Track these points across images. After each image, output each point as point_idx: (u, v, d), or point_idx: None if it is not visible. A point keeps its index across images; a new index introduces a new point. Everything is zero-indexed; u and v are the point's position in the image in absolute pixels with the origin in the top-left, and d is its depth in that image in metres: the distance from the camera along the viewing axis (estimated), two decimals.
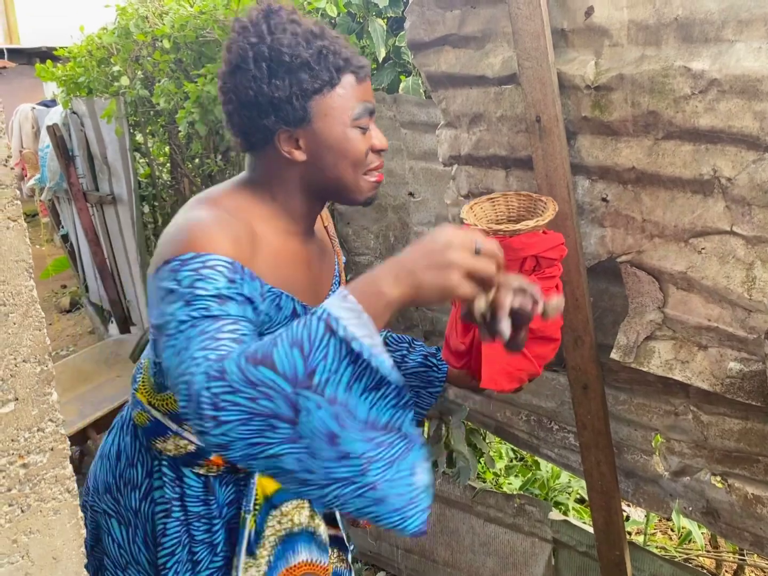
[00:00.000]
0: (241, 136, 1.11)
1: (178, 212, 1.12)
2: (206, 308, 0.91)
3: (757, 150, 1.13)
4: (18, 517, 0.79)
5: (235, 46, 1.06)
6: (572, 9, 1.30)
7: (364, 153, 1.11)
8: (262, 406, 0.76)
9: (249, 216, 1.09)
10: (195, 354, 0.85)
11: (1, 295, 0.75)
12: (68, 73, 3.70)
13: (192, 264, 0.95)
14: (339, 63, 1.07)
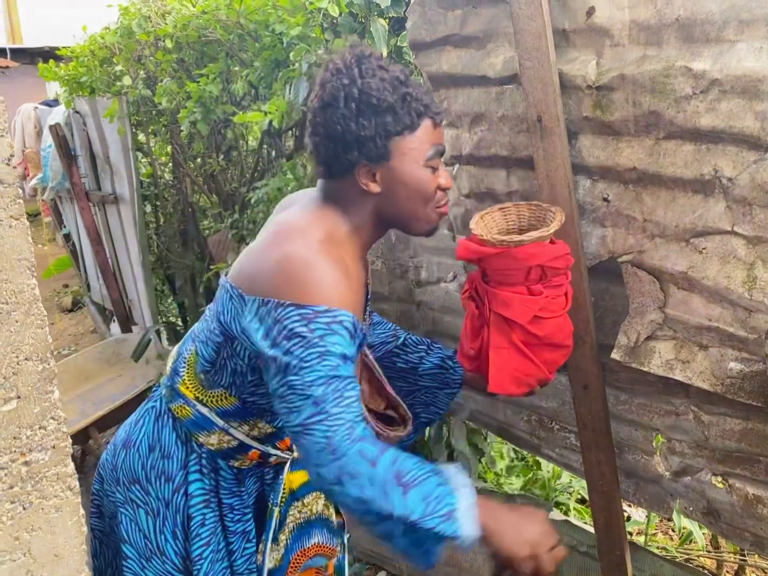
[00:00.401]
0: (324, 165, 1.22)
1: (265, 239, 1.20)
2: (336, 367, 1.07)
3: (758, 150, 1.13)
4: (20, 515, 0.80)
5: (329, 85, 1.17)
6: (573, 9, 1.30)
7: (434, 191, 1.23)
8: (374, 504, 1.03)
9: (336, 244, 1.19)
10: (332, 410, 1.05)
11: (4, 293, 0.76)
12: (71, 72, 3.71)
13: (324, 317, 1.08)
14: (420, 109, 1.18)
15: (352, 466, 1.04)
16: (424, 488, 1.03)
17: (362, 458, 1.04)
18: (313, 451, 1.06)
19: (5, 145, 0.75)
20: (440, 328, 2.08)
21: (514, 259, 1.24)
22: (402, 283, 2.14)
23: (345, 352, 1.09)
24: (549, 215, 1.34)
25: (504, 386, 1.33)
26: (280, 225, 1.22)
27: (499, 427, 2.00)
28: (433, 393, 1.56)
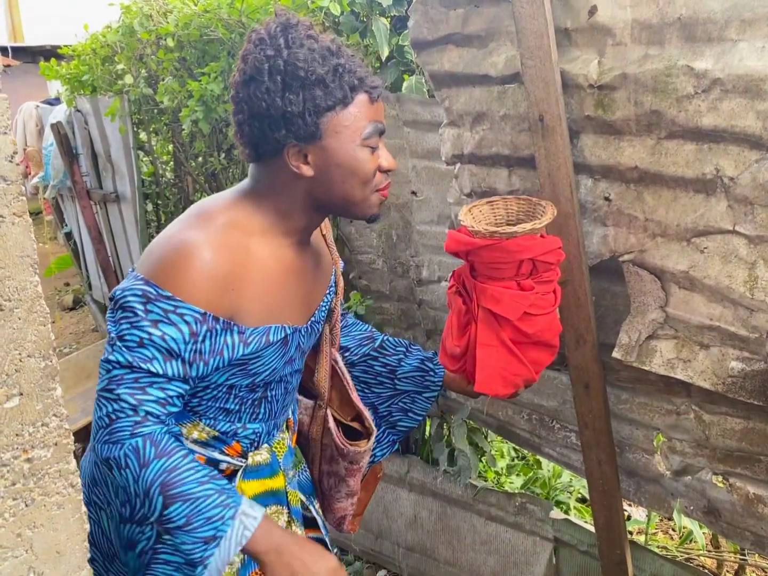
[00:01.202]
0: (249, 146, 1.12)
1: (177, 220, 1.14)
2: (151, 359, 1.03)
3: (759, 149, 1.13)
4: (22, 512, 0.80)
5: (251, 57, 1.06)
6: (576, 8, 1.30)
7: (372, 172, 1.12)
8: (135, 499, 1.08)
9: (244, 231, 1.10)
10: (123, 395, 1.03)
11: (6, 290, 0.76)
12: (72, 71, 3.71)
13: (164, 303, 1.03)
14: (353, 82, 1.08)
15: (123, 458, 1.03)
16: (193, 505, 1.02)
17: (134, 454, 1.03)
18: (95, 425, 1.06)
19: (8, 142, 0.75)
20: (441, 327, 2.08)
21: (506, 251, 1.20)
22: (403, 281, 2.14)
23: (174, 348, 1.03)
24: (539, 209, 1.31)
25: (491, 386, 1.27)
26: (193, 208, 1.16)
27: (499, 425, 2.00)
28: (412, 398, 1.50)
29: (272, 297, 1.14)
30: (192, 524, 1.02)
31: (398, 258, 2.11)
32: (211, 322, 1.06)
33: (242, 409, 1.22)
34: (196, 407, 1.19)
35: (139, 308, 1.03)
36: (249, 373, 1.16)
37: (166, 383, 1.06)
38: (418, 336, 2.18)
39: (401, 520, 2.36)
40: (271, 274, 1.13)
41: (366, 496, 1.51)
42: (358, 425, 1.41)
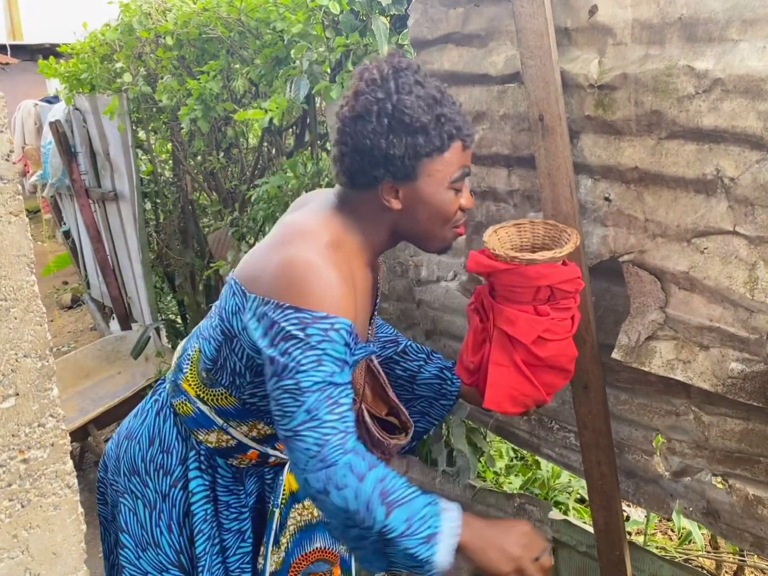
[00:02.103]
0: (346, 175, 1.19)
1: (279, 240, 1.18)
2: (332, 374, 1.07)
3: (760, 150, 1.13)
4: (18, 512, 0.79)
5: (362, 98, 1.13)
6: (576, 7, 1.30)
7: (454, 212, 1.21)
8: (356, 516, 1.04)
9: (344, 251, 1.17)
10: (325, 417, 1.06)
11: (3, 289, 0.75)
12: (71, 69, 3.71)
13: (322, 324, 1.08)
14: (452, 131, 1.15)
15: (340, 478, 1.04)
16: (408, 508, 1.05)
17: (351, 471, 1.04)
18: (303, 458, 1.06)
19: (5, 140, 0.74)
20: (440, 327, 2.08)
21: (524, 277, 1.23)
22: (402, 281, 2.13)
23: (342, 357, 1.09)
24: (564, 236, 1.32)
25: (500, 403, 1.31)
26: (289, 225, 1.21)
27: (498, 426, 2.00)
28: (429, 403, 1.55)
29: (363, 312, 1.23)
30: (412, 527, 1.05)
31: (397, 258, 2.11)
32: (355, 334, 1.13)
33: None
34: (262, 407, 1.26)
35: (301, 335, 1.07)
36: None
37: (347, 389, 1.10)
38: (417, 336, 2.18)
39: None
40: (364, 292, 1.23)
41: None
42: (394, 419, 1.46)
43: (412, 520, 1.04)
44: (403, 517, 1.04)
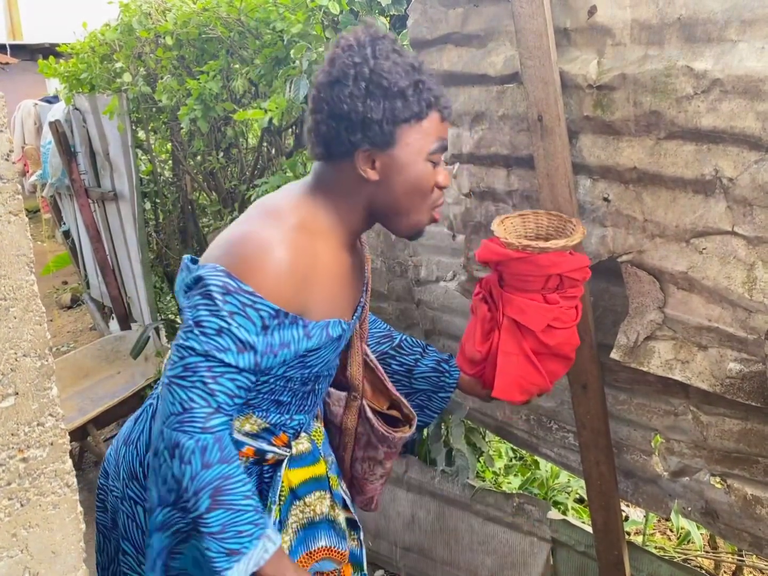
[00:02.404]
0: (322, 145, 1.16)
1: (247, 217, 1.18)
2: (226, 349, 1.05)
3: (759, 150, 1.13)
4: (17, 511, 0.80)
5: (338, 61, 1.12)
6: (575, 8, 1.30)
7: (431, 187, 1.19)
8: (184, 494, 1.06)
9: (311, 233, 1.15)
10: (198, 384, 1.05)
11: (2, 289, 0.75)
12: (71, 69, 3.71)
13: (243, 297, 1.06)
14: (431, 99, 1.14)
15: (188, 453, 1.05)
16: (232, 516, 1.06)
17: (200, 454, 1.05)
18: (167, 411, 1.07)
19: (4, 140, 0.74)
20: (439, 327, 2.08)
21: (536, 265, 1.24)
22: (401, 281, 2.14)
23: (248, 339, 1.06)
24: (569, 226, 1.34)
25: (508, 392, 1.33)
26: (260, 206, 1.19)
27: (497, 426, 2.00)
28: (427, 396, 1.55)
29: (333, 296, 1.20)
30: (224, 533, 1.05)
31: (397, 258, 2.11)
32: (282, 317, 1.10)
33: (293, 401, 1.27)
34: (251, 400, 1.23)
35: (218, 297, 1.05)
36: (305, 365, 1.21)
37: (238, 374, 1.08)
38: (417, 336, 2.18)
39: (399, 520, 2.36)
40: (333, 275, 1.19)
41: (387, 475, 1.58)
42: (396, 412, 1.45)
43: (228, 527, 1.05)
44: (223, 520, 1.05)
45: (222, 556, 1.05)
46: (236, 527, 1.06)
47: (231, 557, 1.05)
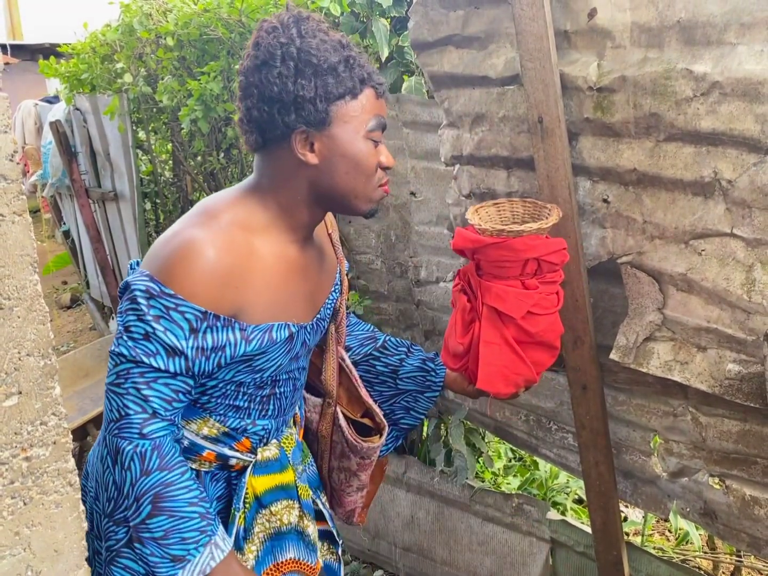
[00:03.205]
0: (257, 131, 1.12)
1: (182, 218, 1.15)
2: (154, 354, 1.05)
3: (758, 153, 1.14)
4: (20, 510, 0.80)
5: (264, 43, 1.08)
6: (575, 10, 1.30)
7: (375, 166, 1.15)
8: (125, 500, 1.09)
9: (247, 229, 1.12)
10: (131, 390, 1.06)
11: (6, 289, 0.76)
12: (71, 69, 3.71)
13: (166, 300, 1.04)
14: (363, 75, 1.11)
15: (127, 459, 1.06)
16: (176, 522, 1.06)
17: (140, 460, 1.06)
18: (107, 417, 1.08)
19: (8, 141, 0.75)
20: (439, 327, 2.08)
21: (512, 250, 1.21)
22: (401, 282, 2.14)
23: (176, 344, 1.05)
24: (544, 212, 1.32)
25: (492, 383, 1.28)
26: (198, 206, 1.16)
27: (496, 426, 2.00)
28: (414, 397, 1.52)
29: (275, 295, 1.15)
30: (168, 539, 1.06)
31: (397, 258, 2.12)
32: (212, 320, 1.07)
33: (251, 406, 1.24)
34: (206, 404, 1.20)
35: (143, 302, 1.05)
36: (254, 369, 1.18)
37: (171, 378, 1.07)
38: (417, 336, 2.19)
39: (398, 520, 2.36)
40: (274, 272, 1.15)
41: (373, 488, 1.54)
42: (369, 421, 1.42)
43: (171, 534, 1.06)
44: (165, 526, 1.06)
45: (166, 562, 1.06)
46: (180, 534, 1.06)
47: (175, 564, 1.06)
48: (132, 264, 1.22)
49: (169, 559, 1.06)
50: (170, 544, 1.06)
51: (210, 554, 1.08)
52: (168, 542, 1.06)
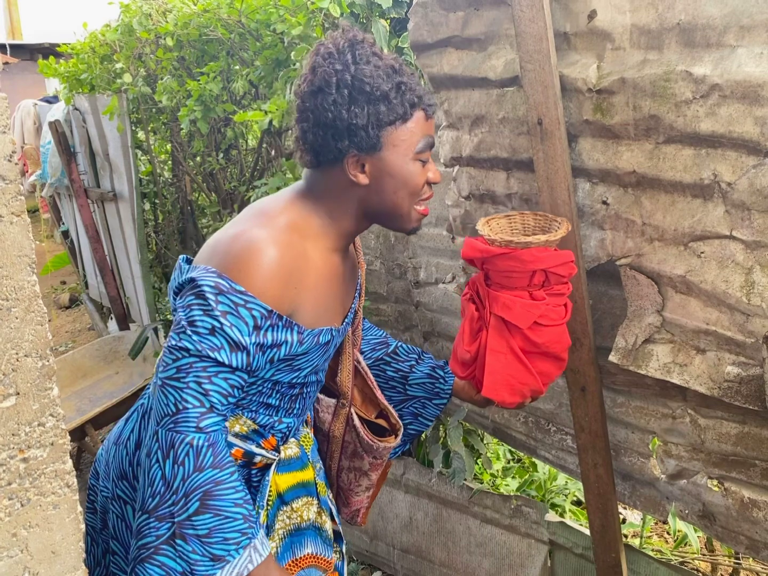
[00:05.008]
0: (311, 153, 1.17)
1: (238, 219, 1.18)
2: (219, 348, 1.06)
3: (757, 155, 1.14)
4: (18, 511, 0.80)
5: (320, 70, 1.13)
6: (575, 12, 1.30)
7: (422, 185, 1.20)
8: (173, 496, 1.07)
9: (301, 234, 1.16)
10: (192, 384, 1.06)
11: (4, 289, 0.76)
12: (71, 69, 3.71)
13: (235, 297, 1.07)
14: (414, 99, 1.15)
15: (182, 454, 1.06)
16: (221, 522, 1.07)
17: (194, 456, 1.06)
18: (161, 411, 1.08)
19: (7, 141, 0.75)
20: (438, 329, 2.08)
21: (520, 261, 1.24)
22: (401, 283, 2.14)
23: (240, 340, 1.07)
24: (555, 224, 1.34)
25: (498, 391, 1.31)
26: (252, 208, 1.21)
27: (495, 428, 2.00)
28: (422, 403, 1.55)
29: (323, 299, 1.20)
30: (211, 537, 1.06)
31: (396, 260, 2.11)
32: (275, 319, 1.11)
33: (281, 404, 1.27)
34: (241, 401, 1.24)
35: (211, 298, 1.06)
36: (293, 369, 1.21)
37: (231, 373, 1.09)
38: (415, 338, 2.18)
39: (396, 521, 2.36)
40: (323, 277, 1.20)
41: (376, 490, 1.56)
42: (383, 422, 1.45)
43: (215, 532, 1.06)
44: (210, 524, 1.06)
45: (206, 561, 1.06)
46: (223, 533, 1.07)
47: (215, 563, 1.06)
48: (182, 260, 1.22)
49: (209, 558, 1.06)
50: (213, 543, 1.06)
51: (249, 557, 1.08)
52: (211, 541, 1.06)
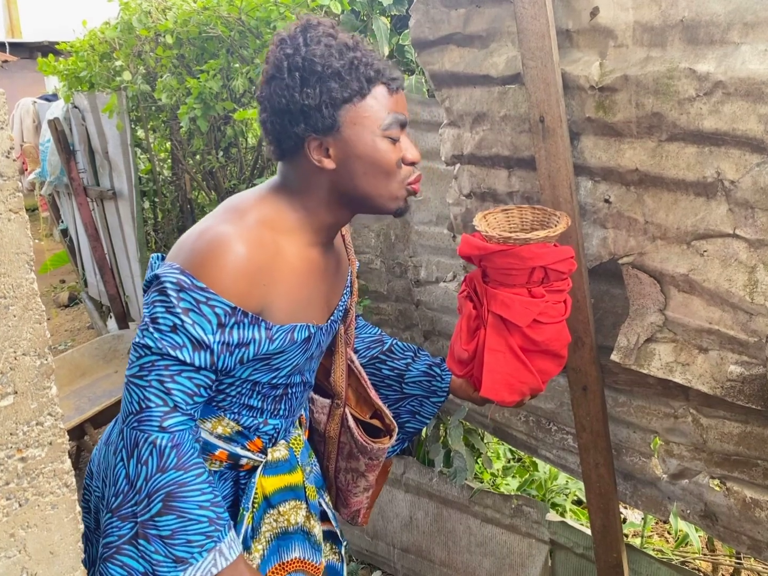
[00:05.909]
0: (274, 143, 1.15)
1: (210, 215, 1.17)
2: (180, 347, 1.05)
3: (761, 153, 1.13)
4: (15, 511, 0.79)
5: (272, 56, 1.11)
6: (577, 9, 1.30)
7: (394, 163, 1.14)
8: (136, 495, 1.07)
9: (274, 229, 1.13)
10: (154, 383, 1.06)
11: (2, 287, 0.75)
12: (70, 67, 3.70)
13: (197, 294, 1.05)
14: (370, 74, 1.10)
15: (145, 453, 1.05)
16: (184, 523, 1.06)
17: (157, 456, 1.05)
18: (126, 409, 1.08)
19: (5, 137, 0.74)
20: (438, 328, 2.08)
21: (519, 258, 1.21)
22: (401, 282, 2.13)
23: (203, 338, 1.05)
24: (553, 219, 1.31)
25: (497, 390, 1.28)
26: (225, 204, 1.19)
27: (496, 427, 2.00)
28: (419, 402, 1.52)
29: (298, 295, 1.17)
30: (174, 539, 1.05)
31: (396, 258, 2.11)
32: (240, 316, 1.09)
33: (264, 406, 1.25)
34: (221, 402, 1.22)
35: (173, 295, 1.05)
36: (272, 368, 1.19)
37: (195, 372, 1.08)
38: (416, 337, 2.18)
39: (397, 521, 2.36)
40: (298, 272, 1.17)
41: (377, 489, 1.54)
42: (378, 422, 1.43)
43: (178, 534, 1.05)
44: (173, 525, 1.05)
45: (169, 562, 1.05)
46: (186, 535, 1.06)
47: (178, 565, 1.05)
48: (154, 258, 1.21)
49: (172, 560, 1.05)
50: (176, 544, 1.05)
51: (213, 560, 1.07)
52: (174, 542, 1.05)
